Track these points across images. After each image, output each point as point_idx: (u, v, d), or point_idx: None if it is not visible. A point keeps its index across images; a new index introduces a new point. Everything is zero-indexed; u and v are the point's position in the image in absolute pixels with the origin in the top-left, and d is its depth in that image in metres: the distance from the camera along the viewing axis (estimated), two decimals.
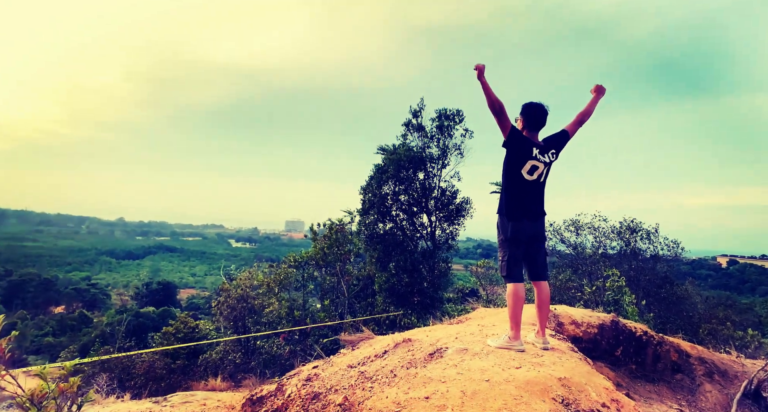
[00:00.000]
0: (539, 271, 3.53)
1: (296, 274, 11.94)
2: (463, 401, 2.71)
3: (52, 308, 50.61)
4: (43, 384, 2.68)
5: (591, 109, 3.66)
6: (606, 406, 2.73)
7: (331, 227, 11.38)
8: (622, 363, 5.10)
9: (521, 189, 3.44)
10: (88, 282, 61.58)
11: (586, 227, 18.51)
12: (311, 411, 3.26)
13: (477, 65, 3.27)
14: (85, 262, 78.35)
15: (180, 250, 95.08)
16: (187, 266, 79.63)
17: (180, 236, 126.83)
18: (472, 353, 3.40)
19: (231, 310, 11.65)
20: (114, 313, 38.00)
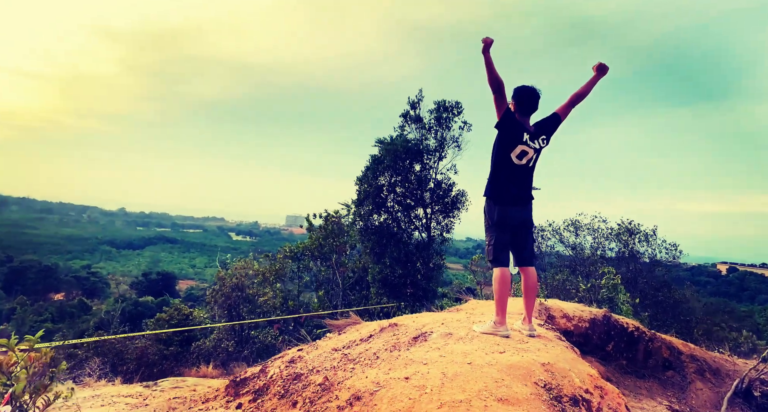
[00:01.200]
0: (527, 256, 3.47)
1: (292, 265, 11.92)
2: (443, 382, 2.66)
3: (51, 295, 50.77)
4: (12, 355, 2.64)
5: (588, 89, 3.50)
6: (589, 392, 2.68)
7: (327, 218, 11.34)
8: (613, 358, 5.04)
9: (509, 173, 3.37)
10: (88, 270, 61.75)
11: (585, 227, 18.44)
12: (291, 391, 3.22)
13: (485, 38, 3.19)
14: (85, 250, 78.54)
15: (180, 241, 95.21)
16: (187, 258, 79.73)
17: (181, 228, 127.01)
18: (456, 338, 3.35)
19: (225, 298, 11.62)
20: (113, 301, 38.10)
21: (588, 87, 3.49)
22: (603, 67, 3.49)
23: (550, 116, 3.50)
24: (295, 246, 11.88)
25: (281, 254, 11.89)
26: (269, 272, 11.76)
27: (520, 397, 2.49)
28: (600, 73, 3.49)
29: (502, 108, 3.32)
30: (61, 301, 45.59)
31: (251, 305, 11.96)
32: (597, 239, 18.18)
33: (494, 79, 3.25)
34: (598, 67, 3.48)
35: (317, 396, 2.95)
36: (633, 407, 4.15)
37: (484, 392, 2.52)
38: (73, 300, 42.52)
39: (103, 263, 71.98)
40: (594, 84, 3.50)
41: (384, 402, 2.55)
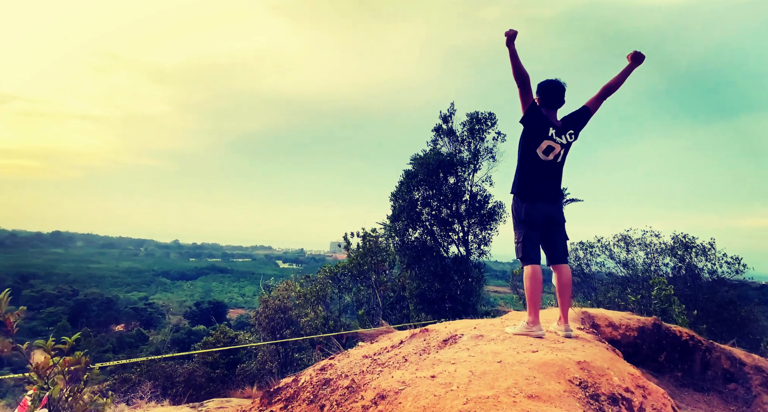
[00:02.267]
0: (558, 254, 3.33)
1: (332, 285, 11.98)
2: (470, 379, 2.55)
3: (112, 326, 52.99)
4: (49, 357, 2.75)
5: (622, 79, 3.29)
6: (630, 391, 2.49)
7: (365, 237, 11.38)
8: (667, 369, 4.67)
9: (536, 169, 3.27)
10: (146, 302, 64.37)
11: (636, 242, 17.50)
12: (320, 395, 3.18)
13: (508, 31, 3.13)
14: (143, 282, 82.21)
15: (230, 271, 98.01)
16: (237, 287, 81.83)
17: (231, 258, 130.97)
18: (487, 339, 3.22)
19: (269, 320, 11.78)
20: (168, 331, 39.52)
21: (621, 77, 3.29)
22: (638, 55, 3.24)
23: (579, 110, 3.38)
24: (334, 266, 11.95)
25: (321, 275, 11.98)
26: (310, 294, 11.86)
27: (553, 394, 2.34)
28: (635, 63, 3.25)
29: (528, 102, 3.24)
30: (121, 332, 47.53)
31: (294, 326, 12.04)
32: (650, 254, 17.18)
33: (519, 72, 3.17)
34: (633, 56, 3.24)
35: (344, 398, 2.90)
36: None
37: (513, 388, 2.40)
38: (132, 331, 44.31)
39: (159, 294, 74.96)
40: (628, 74, 3.29)
41: (408, 400, 2.47)
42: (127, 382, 11.60)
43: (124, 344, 37.69)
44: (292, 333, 11.77)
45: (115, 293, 66.83)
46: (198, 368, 11.17)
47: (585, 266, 18.87)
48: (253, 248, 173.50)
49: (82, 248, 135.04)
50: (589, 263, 18.83)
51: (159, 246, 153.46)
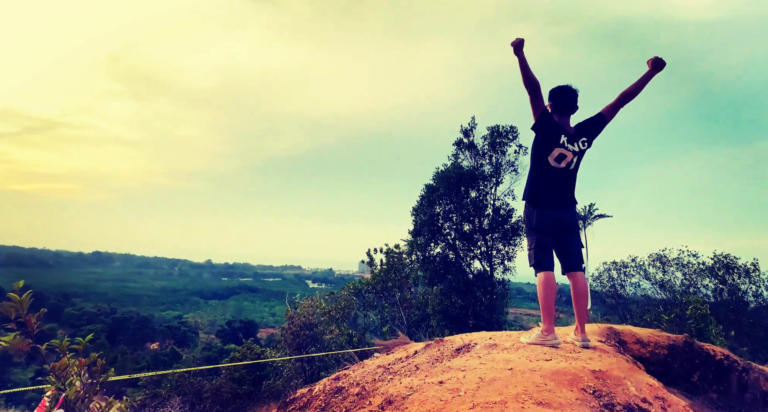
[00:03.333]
0: (572, 261, 3.25)
1: (356, 302, 11.95)
2: (479, 386, 2.50)
3: (148, 344, 54.09)
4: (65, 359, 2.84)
5: (641, 86, 3.20)
6: (647, 402, 2.37)
7: (388, 253, 11.35)
8: (701, 390, 4.41)
9: (547, 177, 3.23)
10: (179, 320, 65.59)
11: (673, 262, 16.74)
12: (332, 403, 3.17)
13: (514, 41, 3.12)
14: (177, 301, 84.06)
15: (261, 290, 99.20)
16: (267, 306, 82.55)
17: (261, 277, 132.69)
18: (500, 348, 3.15)
19: (294, 337, 11.81)
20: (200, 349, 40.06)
21: (640, 84, 3.21)
22: (659, 62, 3.16)
23: (594, 117, 3.31)
24: (358, 283, 11.94)
25: (346, 291, 11.97)
26: (335, 311, 11.86)
27: (563, 401, 2.26)
28: (655, 69, 3.17)
29: (539, 110, 3.22)
30: (156, 350, 48.42)
31: (319, 343, 12.04)
32: (688, 275, 16.39)
33: (529, 80, 3.17)
34: (654, 62, 3.16)
35: (353, 405, 2.88)
36: None
37: (522, 395, 2.33)
38: (166, 349, 45.14)
39: (192, 312, 76.36)
40: (647, 81, 3.21)
41: (415, 405, 2.43)
42: (157, 397, 11.80)
43: (158, 362, 38.41)
44: (317, 350, 11.76)
45: (151, 312, 68.49)
46: (225, 384, 11.27)
47: (619, 286, 18.18)
48: (283, 268, 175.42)
49: (120, 267, 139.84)
50: (623, 284, 18.13)
51: (192, 266, 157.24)
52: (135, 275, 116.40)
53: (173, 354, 40.23)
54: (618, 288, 17.88)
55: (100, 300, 70.63)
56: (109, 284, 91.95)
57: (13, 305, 2.54)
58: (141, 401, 11.24)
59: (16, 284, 2.52)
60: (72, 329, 49.49)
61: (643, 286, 17.41)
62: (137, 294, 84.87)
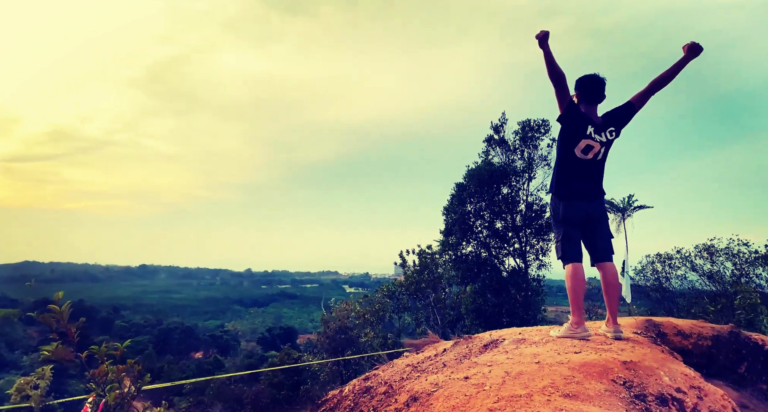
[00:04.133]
0: (600, 252, 3.17)
1: (390, 304, 11.94)
2: (504, 380, 2.45)
3: (192, 354, 55.61)
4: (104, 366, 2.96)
5: (675, 72, 3.07)
6: (681, 391, 2.27)
7: (420, 254, 11.30)
8: (749, 382, 4.19)
9: (574, 168, 3.17)
10: (221, 329, 67.23)
11: (722, 252, 15.91)
12: (360, 402, 3.18)
13: (539, 33, 3.07)
14: (219, 310, 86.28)
15: (299, 297, 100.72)
16: (306, 312, 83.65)
17: (299, 284, 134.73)
18: (529, 343, 3.09)
19: (330, 340, 11.92)
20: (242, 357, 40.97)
21: (674, 70, 3.07)
22: (696, 46, 3.01)
23: (623, 105, 3.21)
24: (391, 285, 11.94)
25: (379, 294, 11.99)
26: (370, 314, 11.90)
27: (592, 393, 2.19)
28: (691, 54, 3.03)
29: (565, 101, 3.16)
30: (200, 359, 49.72)
31: (354, 347, 12.10)
32: (738, 264, 15.53)
33: (555, 72, 3.10)
34: (690, 47, 3.02)
35: (380, 403, 2.88)
36: None
37: (549, 388, 2.27)
38: (209, 357, 46.34)
39: (234, 321, 78.18)
40: (682, 67, 3.07)
41: (440, 400, 2.41)
42: (201, 404, 12.12)
43: (203, 371, 39.51)
44: (353, 353, 11.84)
45: (194, 322, 70.50)
46: (264, 390, 11.48)
47: (664, 280, 17.42)
48: (320, 274, 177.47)
49: (165, 279, 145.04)
50: (668, 277, 17.36)
51: (233, 275, 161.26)
52: (179, 286, 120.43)
53: (216, 362, 41.32)
54: (663, 281, 17.14)
55: (146, 312, 73.39)
56: (155, 296, 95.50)
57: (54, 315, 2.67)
58: (186, 408, 11.57)
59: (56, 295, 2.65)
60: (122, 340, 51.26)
61: (690, 278, 16.63)
62: (181, 305, 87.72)
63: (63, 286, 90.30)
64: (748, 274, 15.34)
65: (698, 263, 16.45)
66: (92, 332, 44.91)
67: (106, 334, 55.66)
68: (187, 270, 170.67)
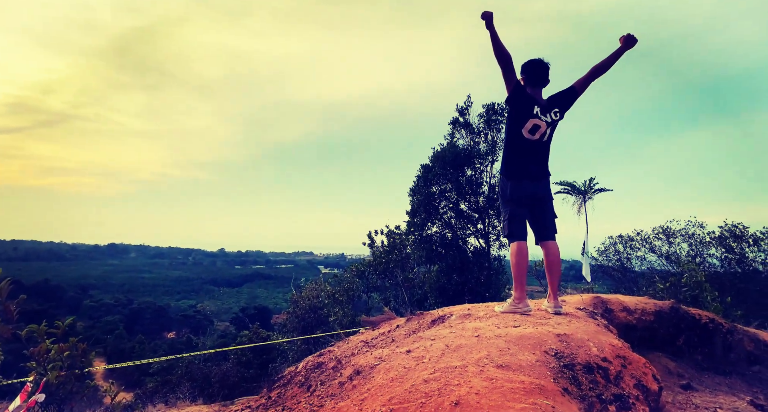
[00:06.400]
0: (545, 231, 3.28)
1: (360, 284, 12.07)
2: (443, 352, 2.54)
3: (165, 334, 55.11)
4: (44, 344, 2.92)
5: (612, 61, 3.25)
6: (608, 361, 2.40)
7: (389, 234, 11.40)
8: (686, 354, 4.45)
9: (522, 149, 3.26)
10: (194, 309, 66.63)
11: (679, 234, 16.57)
12: (311, 377, 3.25)
13: (484, 12, 3.12)
14: (191, 290, 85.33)
15: (274, 277, 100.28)
16: (281, 292, 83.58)
17: (274, 264, 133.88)
18: (474, 318, 3.19)
19: (299, 320, 11.98)
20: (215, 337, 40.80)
21: (612, 59, 3.26)
22: (631, 38, 3.21)
23: (566, 89, 3.36)
24: (359, 264, 12.06)
25: (349, 274, 12.10)
26: (339, 293, 11.98)
27: (524, 363, 2.30)
28: (626, 45, 3.23)
29: (512, 82, 3.25)
30: (173, 339, 49.32)
31: (324, 326, 12.20)
32: (694, 245, 16.21)
33: (501, 52, 3.18)
34: (626, 39, 3.22)
35: (328, 377, 2.95)
36: (707, 401, 3.62)
37: (484, 359, 2.37)
38: (182, 337, 46.00)
39: (207, 301, 77.51)
40: (619, 56, 3.26)
41: (381, 373, 2.49)
42: (168, 383, 12.11)
43: (175, 350, 39.18)
44: (322, 332, 11.95)
45: (167, 302, 69.62)
46: (232, 369, 11.52)
47: (625, 260, 18.07)
48: (295, 254, 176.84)
49: (136, 258, 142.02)
50: (629, 258, 18.01)
51: (206, 255, 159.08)
52: (150, 266, 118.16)
53: (189, 342, 41.07)
54: (624, 262, 17.79)
55: (117, 291, 71.94)
56: (125, 275, 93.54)
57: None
58: (153, 387, 11.50)
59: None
60: (90, 320, 50.52)
61: (649, 259, 17.29)
62: (153, 284, 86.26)
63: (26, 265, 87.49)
64: (703, 254, 16.06)
65: (657, 244, 17.12)
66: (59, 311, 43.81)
67: (74, 314, 54.47)
68: (158, 249, 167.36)
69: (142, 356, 37.50)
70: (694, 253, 15.75)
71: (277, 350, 12.43)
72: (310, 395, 2.83)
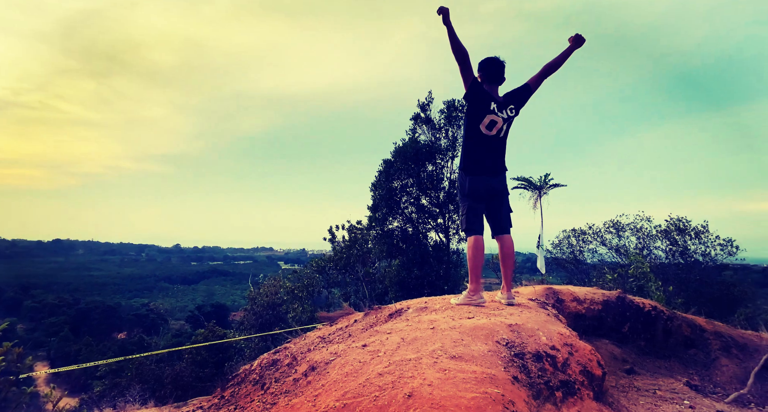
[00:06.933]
0: (501, 225, 3.37)
1: (320, 279, 11.99)
2: (399, 345, 2.56)
3: (115, 334, 52.82)
4: None
5: (562, 60, 3.39)
6: (556, 349, 2.48)
7: (350, 229, 11.39)
8: (630, 340, 4.68)
9: (479, 144, 3.32)
10: (147, 308, 64.09)
11: (628, 227, 17.43)
12: (265, 375, 3.20)
13: (441, 8, 3.13)
14: (144, 288, 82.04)
15: (232, 273, 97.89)
16: (239, 289, 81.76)
17: (232, 260, 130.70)
18: (430, 310, 3.23)
19: (257, 317, 11.77)
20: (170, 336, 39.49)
21: (562, 58, 3.39)
22: (579, 38, 3.35)
23: (521, 87, 3.44)
24: (320, 260, 11.97)
25: (309, 269, 11.98)
26: (298, 289, 11.85)
27: (476, 354, 2.34)
28: (575, 45, 3.36)
29: (469, 79, 3.29)
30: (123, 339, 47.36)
31: (283, 323, 12.03)
32: (641, 238, 17.10)
33: (458, 49, 3.21)
34: (575, 39, 3.35)
35: (282, 374, 2.91)
36: (648, 384, 3.82)
37: (438, 351, 2.40)
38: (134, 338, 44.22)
39: (160, 299, 74.76)
40: (568, 56, 3.39)
41: (336, 368, 2.47)
42: (117, 386, 11.60)
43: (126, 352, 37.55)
44: (280, 329, 11.79)
45: (117, 300, 66.58)
46: (186, 369, 11.18)
47: (578, 253, 18.84)
48: (254, 250, 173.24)
49: (83, 255, 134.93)
50: (582, 250, 18.78)
51: (160, 251, 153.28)
52: (99, 263, 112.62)
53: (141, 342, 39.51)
54: (577, 254, 18.53)
55: (62, 290, 68.04)
56: (71, 274, 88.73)
57: None
58: (100, 391, 11.02)
59: None
60: (32, 322, 47.68)
61: (600, 251, 18.09)
62: (102, 282, 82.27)
63: None
64: (649, 247, 16.98)
65: (607, 237, 17.94)
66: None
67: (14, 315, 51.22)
68: (108, 246, 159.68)
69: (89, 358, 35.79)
70: (641, 245, 16.63)
71: (234, 349, 12.18)
72: (263, 393, 2.78)
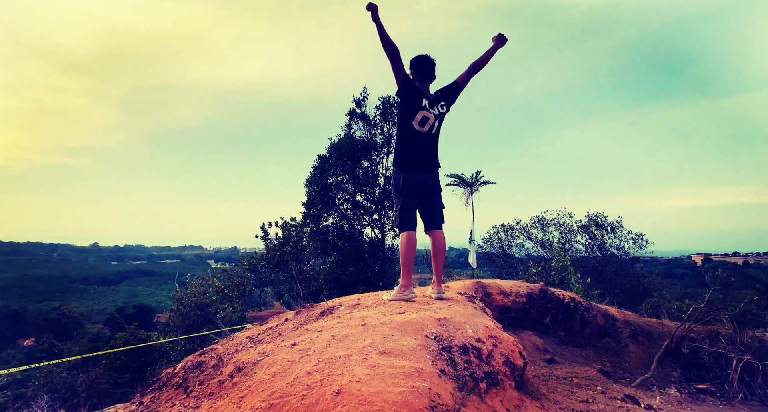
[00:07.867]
0: (434, 221, 3.43)
1: (252, 277, 11.60)
2: (329, 343, 2.53)
3: (21, 341, 48.29)
4: None
5: (487, 59, 3.51)
6: (481, 341, 2.57)
7: (284, 226, 11.13)
8: (552, 330, 4.97)
9: (412, 141, 3.35)
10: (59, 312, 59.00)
11: (552, 223, 18.54)
12: (189, 378, 3.03)
13: (369, 4, 3.11)
14: (56, 291, 75.42)
15: (158, 273, 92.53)
16: (165, 289, 77.46)
17: (157, 259, 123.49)
18: (362, 307, 3.22)
19: (184, 318, 11.20)
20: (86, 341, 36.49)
21: (486, 57, 3.50)
22: (502, 37, 3.49)
23: (450, 84, 3.53)
24: (252, 258, 11.58)
25: (240, 268, 11.57)
26: (228, 288, 11.41)
27: (406, 349, 2.36)
28: (499, 44, 3.49)
29: (401, 76, 3.31)
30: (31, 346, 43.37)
31: (212, 324, 11.54)
32: (564, 233, 18.28)
33: (389, 45, 3.23)
34: (497, 38, 3.48)
35: (207, 377, 2.78)
36: (566, 372, 4.06)
37: (368, 347, 2.40)
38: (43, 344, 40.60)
39: (75, 302, 69.11)
40: (492, 54, 3.51)
41: (263, 369, 2.40)
42: (22, 397, 10.60)
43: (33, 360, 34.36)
44: (209, 330, 11.29)
45: (23, 305, 60.60)
46: (102, 375, 10.43)
47: (507, 247, 19.76)
48: (182, 248, 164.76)
49: None
50: (510, 245, 19.72)
51: (75, 250, 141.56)
52: (2, 264, 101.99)
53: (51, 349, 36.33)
54: (506, 249, 19.42)
55: None
56: None
57: None
58: (1, 404, 10.05)
59: None
60: None
61: (526, 246, 19.08)
62: (5, 285, 74.62)
63: None
64: (571, 241, 18.18)
65: (533, 232, 18.98)
66: None
67: None
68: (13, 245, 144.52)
69: None
70: (564, 240, 17.74)
71: (158, 352, 11.52)
72: (186, 397, 2.64)
